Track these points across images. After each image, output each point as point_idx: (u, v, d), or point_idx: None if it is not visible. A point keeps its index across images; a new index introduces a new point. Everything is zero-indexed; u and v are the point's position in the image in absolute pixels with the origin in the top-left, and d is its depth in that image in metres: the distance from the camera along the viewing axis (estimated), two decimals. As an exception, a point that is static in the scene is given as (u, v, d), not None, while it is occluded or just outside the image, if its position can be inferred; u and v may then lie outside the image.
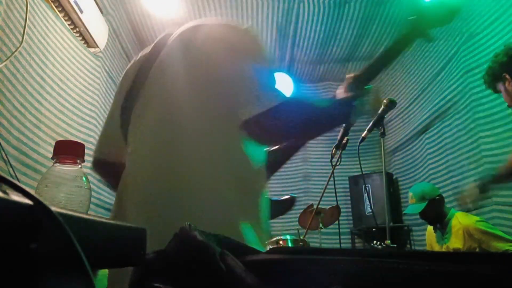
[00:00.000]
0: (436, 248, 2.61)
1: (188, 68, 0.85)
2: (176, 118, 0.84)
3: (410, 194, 2.66)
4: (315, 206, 2.66)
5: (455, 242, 2.40)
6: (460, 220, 2.39)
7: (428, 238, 2.79)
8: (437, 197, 2.55)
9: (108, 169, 1.01)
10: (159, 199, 0.80)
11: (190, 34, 0.89)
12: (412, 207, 2.60)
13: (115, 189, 0.94)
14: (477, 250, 2.26)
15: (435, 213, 2.53)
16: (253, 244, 0.77)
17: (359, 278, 0.49)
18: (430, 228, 2.74)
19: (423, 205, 2.51)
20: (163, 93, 0.87)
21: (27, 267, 0.27)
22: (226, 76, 0.82)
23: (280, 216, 1.08)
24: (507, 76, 1.68)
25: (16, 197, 0.26)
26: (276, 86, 0.83)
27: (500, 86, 1.75)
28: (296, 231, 3.18)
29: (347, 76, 0.97)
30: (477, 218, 2.37)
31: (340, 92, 0.97)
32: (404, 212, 2.76)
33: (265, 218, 0.87)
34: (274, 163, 1.13)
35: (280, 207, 1.09)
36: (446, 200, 3.07)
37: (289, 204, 1.09)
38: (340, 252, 0.63)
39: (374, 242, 2.15)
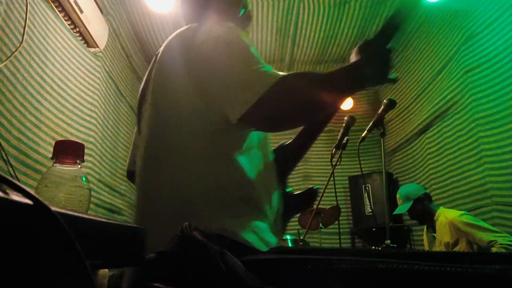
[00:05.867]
0: (429, 247, 2.66)
1: (179, 68, 0.83)
2: (163, 123, 0.83)
3: (398, 196, 2.75)
4: (315, 206, 2.66)
5: (444, 238, 2.43)
6: (446, 215, 2.45)
7: (425, 239, 2.83)
8: (422, 196, 2.61)
9: None
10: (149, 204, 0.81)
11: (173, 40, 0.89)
12: (399, 208, 2.70)
13: None
14: (464, 243, 2.30)
15: (422, 211, 2.61)
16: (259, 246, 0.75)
17: (359, 278, 0.49)
18: (425, 230, 2.78)
19: (408, 205, 2.60)
20: (154, 97, 0.87)
21: (28, 267, 0.27)
22: (204, 80, 0.79)
23: (301, 211, 1.00)
24: None
25: (16, 197, 0.26)
26: (262, 67, 0.75)
27: None
28: (296, 231, 3.18)
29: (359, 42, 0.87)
30: (461, 212, 2.43)
31: (352, 57, 0.86)
32: (393, 213, 2.81)
33: (272, 215, 0.84)
34: (297, 151, 1.08)
35: (300, 201, 1.03)
36: (446, 199, 3.08)
37: (310, 196, 1.03)
38: (340, 252, 0.63)
39: (383, 243, 2.14)
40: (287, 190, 1.01)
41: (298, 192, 1.03)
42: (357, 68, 0.83)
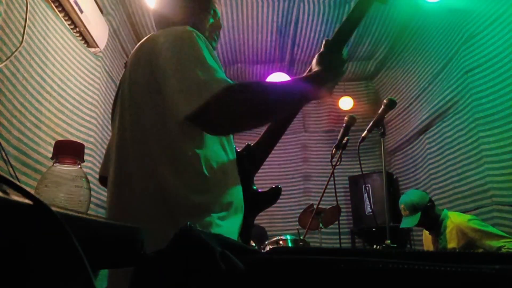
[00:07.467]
0: (431, 249, 2.61)
1: (133, 82, 0.91)
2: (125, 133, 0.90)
3: (402, 206, 2.58)
4: (315, 206, 2.66)
5: (450, 243, 2.39)
6: (452, 220, 2.38)
7: (425, 240, 2.80)
8: (428, 204, 2.50)
9: None
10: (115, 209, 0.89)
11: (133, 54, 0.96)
12: (407, 220, 2.55)
13: None
14: (471, 249, 2.26)
15: (430, 219, 2.50)
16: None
17: (359, 278, 0.49)
18: (425, 230, 2.74)
19: (417, 216, 2.47)
20: (121, 107, 0.94)
21: (28, 267, 0.27)
22: (154, 83, 0.85)
23: (267, 209, 1.07)
24: None
25: (16, 197, 0.26)
26: (213, 73, 0.80)
27: None
28: (296, 231, 3.18)
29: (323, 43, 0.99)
30: (469, 216, 2.37)
31: (314, 62, 0.97)
32: (400, 226, 2.69)
33: (234, 210, 0.89)
34: (263, 150, 1.13)
35: (266, 199, 1.09)
36: (446, 200, 3.07)
37: (274, 194, 1.09)
38: (340, 252, 0.63)
39: (383, 243, 2.11)
40: (253, 188, 1.07)
41: (263, 190, 1.09)
42: (317, 76, 0.92)
